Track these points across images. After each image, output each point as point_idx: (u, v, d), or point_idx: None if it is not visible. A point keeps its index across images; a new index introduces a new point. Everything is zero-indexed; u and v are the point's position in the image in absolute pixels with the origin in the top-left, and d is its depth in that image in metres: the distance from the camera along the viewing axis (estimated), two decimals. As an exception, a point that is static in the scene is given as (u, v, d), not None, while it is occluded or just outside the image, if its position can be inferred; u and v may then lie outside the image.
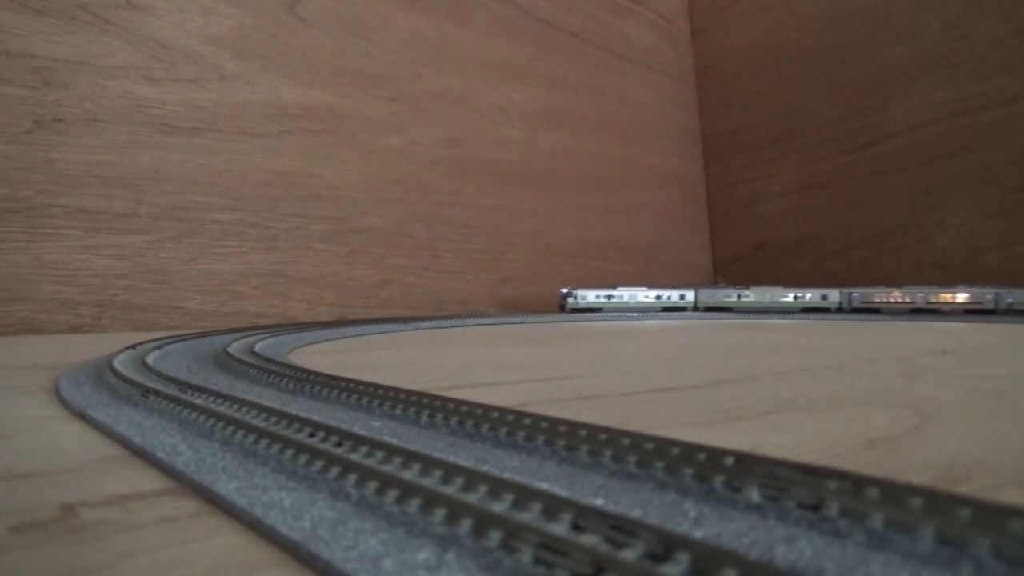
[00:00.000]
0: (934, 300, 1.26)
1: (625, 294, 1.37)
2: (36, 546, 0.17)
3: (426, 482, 0.18)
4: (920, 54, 1.58)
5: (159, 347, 0.59)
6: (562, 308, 1.37)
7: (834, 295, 1.34)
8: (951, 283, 1.31)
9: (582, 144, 1.78)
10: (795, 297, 1.35)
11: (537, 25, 1.72)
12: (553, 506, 0.16)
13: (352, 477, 0.19)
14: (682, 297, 1.38)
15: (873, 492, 0.16)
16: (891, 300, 1.28)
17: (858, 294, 1.32)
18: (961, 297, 1.24)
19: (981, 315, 1.21)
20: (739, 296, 1.37)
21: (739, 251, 2.00)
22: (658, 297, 1.37)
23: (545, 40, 1.73)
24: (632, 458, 0.21)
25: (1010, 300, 1.22)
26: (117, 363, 0.44)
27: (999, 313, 1.22)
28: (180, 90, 1.15)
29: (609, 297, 1.37)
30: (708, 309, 1.37)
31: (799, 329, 1.04)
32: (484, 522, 0.15)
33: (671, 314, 1.37)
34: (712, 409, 0.34)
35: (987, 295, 1.24)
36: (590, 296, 1.37)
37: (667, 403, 0.36)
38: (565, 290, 1.37)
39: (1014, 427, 0.29)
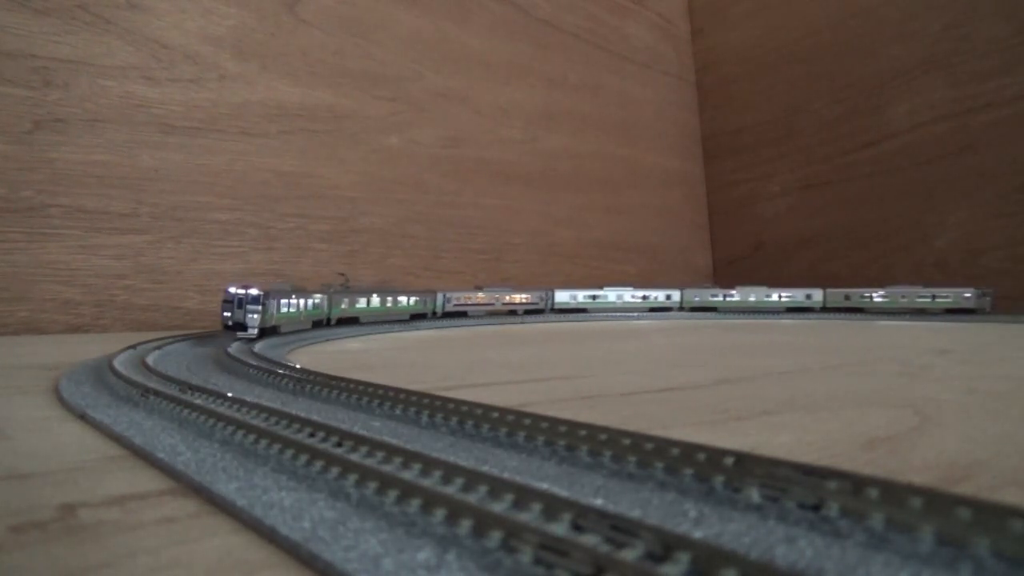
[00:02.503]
0: (508, 301, 1.40)
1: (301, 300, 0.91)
2: (36, 546, 0.17)
3: (426, 482, 0.18)
4: (920, 54, 1.58)
5: (159, 347, 0.59)
6: (233, 327, 0.72)
7: (430, 299, 1.26)
8: (946, 283, 1.33)
9: (582, 144, 1.78)
10: (410, 301, 1.22)
11: (537, 25, 1.72)
12: (553, 506, 0.16)
13: (352, 477, 0.19)
14: (355, 304, 1.09)
15: (873, 492, 0.16)
16: (476, 302, 1.36)
17: (451, 296, 1.31)
18: (520, 298, 1.42)
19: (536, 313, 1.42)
20: (368, 302, 1.12)
21: (739, 251, 2.00)
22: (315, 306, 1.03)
23: (545, 40, 1.73)
24: (632, 458, 0.21)
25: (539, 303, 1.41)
26: (117, 363, 0.44)
27: (547, 312, 1.44)
28: (180, 90, 1.15)
29: (289, 307, 0.85)
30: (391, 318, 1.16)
31: (801, 329, 1.03)
32: (484, 522, 0.15)
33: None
34: (712, 409, 0.34)
35: (539, 294, 1.45)
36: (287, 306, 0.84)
37: (667, 403, 0.36)
38: (254, 291, 0.73)
39: (1014, 427, 0.29)
